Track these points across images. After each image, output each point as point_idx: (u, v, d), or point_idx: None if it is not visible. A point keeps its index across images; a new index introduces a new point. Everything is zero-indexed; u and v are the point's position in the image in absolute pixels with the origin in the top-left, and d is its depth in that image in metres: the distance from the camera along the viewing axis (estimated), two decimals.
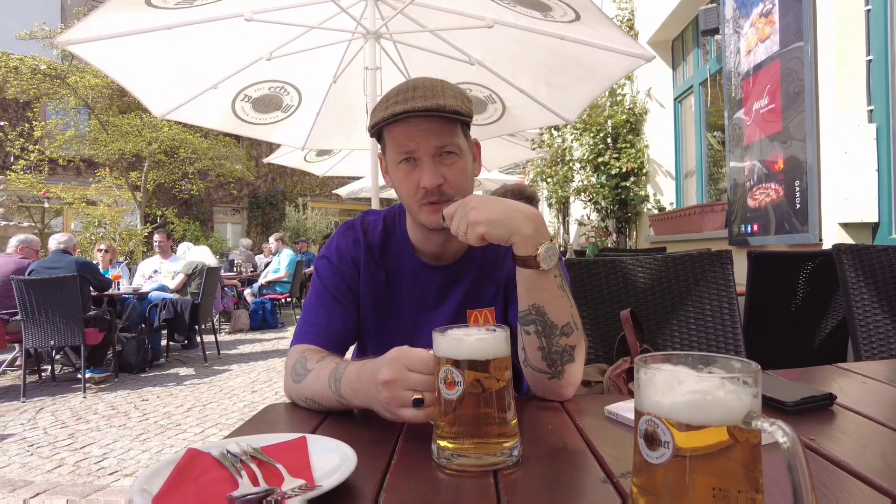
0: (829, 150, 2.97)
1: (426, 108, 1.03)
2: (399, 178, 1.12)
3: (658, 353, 0.57)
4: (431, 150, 1.07)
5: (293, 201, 19.02)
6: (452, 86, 1.11)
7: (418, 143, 1.07)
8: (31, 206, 13.44)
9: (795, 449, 0.47)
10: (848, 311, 1.61)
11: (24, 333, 4.66)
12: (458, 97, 1.08)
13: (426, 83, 1.09)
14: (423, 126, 1.06)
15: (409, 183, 1.10)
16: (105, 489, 2.84)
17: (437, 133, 1.07)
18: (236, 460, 0.72)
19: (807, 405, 0.91)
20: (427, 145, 1.07)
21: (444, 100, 1.05)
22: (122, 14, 2.91)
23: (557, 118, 4.08)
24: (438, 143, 1.07)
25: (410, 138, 1.07)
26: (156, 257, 6.85)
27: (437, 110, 1.03)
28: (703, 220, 4.52)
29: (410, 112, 1.03)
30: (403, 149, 1.09)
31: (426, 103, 1.03)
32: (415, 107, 1.03)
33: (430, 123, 1.06)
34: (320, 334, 1.16)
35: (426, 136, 1.06)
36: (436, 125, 1.06)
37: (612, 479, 0.68)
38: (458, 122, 1.09)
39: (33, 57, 10.87)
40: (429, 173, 1.07)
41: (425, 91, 1.06)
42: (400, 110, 1.03)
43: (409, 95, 1.06)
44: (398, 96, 1.07)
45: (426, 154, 1.07)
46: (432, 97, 1.05)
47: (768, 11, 3.45)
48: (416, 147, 1.07)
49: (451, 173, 1.09)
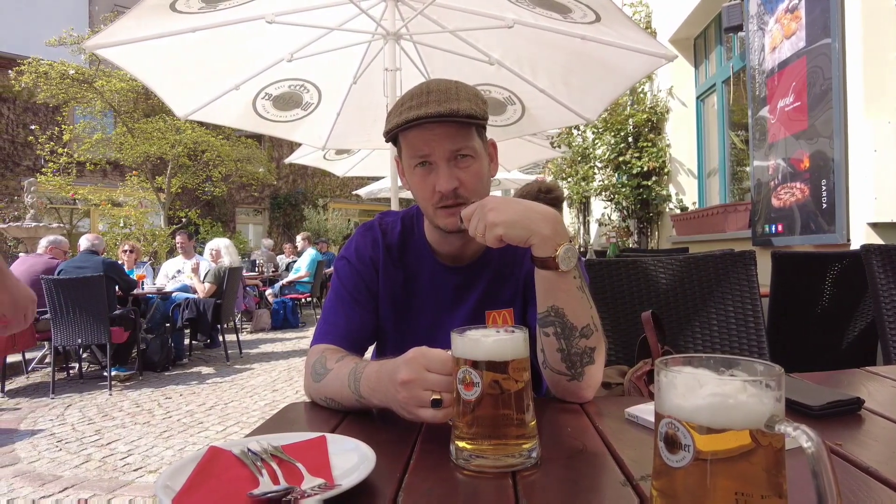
0: (858, 148, 2.90)
1: (439, 114, 1.03)
2: (415, 182, 1.13)
3: (679, 356, 0.56)
4: (446, 154, 1.07)
5: (314, 202, 19.18)
6: (467, 87, 1.11)
7: (433, 148, 1.07)
8: (60, 207, 13.76)
9: (820, 454, 0.46)
10: (877, 314, 1.57)
11: (53, 332, 4.77)
12: (472, 99, 1.08)
13: (440, 86, 1.09)
14: (437, 130, 1.06)
15: (424, 187, 1.10)
16: (130, 485, 2.90)
17: (451, 137, 1.07)
18: (257, 459, 0.73)
19: (833, 409, 0.89)
20: (442, 149, 1.07)
21: (458, 104, 1.04)
22: (147, 19, 2.96)
23: (578, 118, 4.05)
24: (453, 147, 1.07)
25: (425, 142, 1.07)
26: (179, 257, 6.96)
27: (450, 115, 1.03)
28: (727, 220, 4.45)
29: (424, 118, 1.03)
30: (418, 153, 1.09)
31: (440, 108, 1.03)
32: (428, 112, 1.03)
33: (444, 127, 1.06)
34: (339, 334, 1.17)
35: (440, 141, 1.07)
36: (450, 129, 1.07)
37: (632, 481, 0.68)
38: (472, 124, 1.09)
39: (62, 62, 11.12)
40: (444, 177, 1.07)
41: (439, 95, 1.06)
42: (413, 116, 1.03)
43: (423, 100, 1.06)
44: (412, 100, 1.07)
45: (441, 158, 1.07)
46: (446, 101, 1.05)
47: (794, 7, 3.38)
48: (430, 151, 1.08)
49: (467, 176, 1.09)
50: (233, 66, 3.65)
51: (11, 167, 13.84)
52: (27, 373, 5.54)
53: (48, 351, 5.35)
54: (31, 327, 4.91)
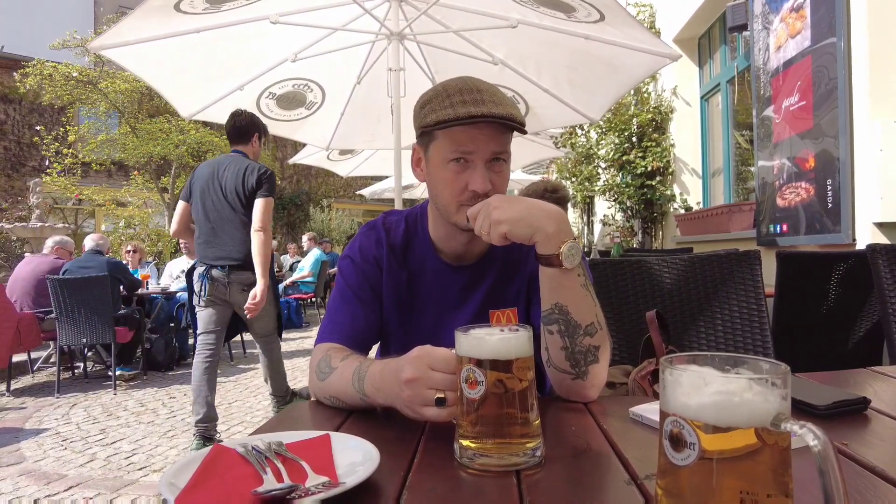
0: (863, 147, 2.88)
1: (502, 116, 1.02)
2: (444, 177, 1.10)
3: (684, 354, 0.56)
4: (488, 155, 1.07)
5: (318, 202, 19.21)
6: (503, 92, 1.11)
7: (478, 146, 1.06)
8: (65, 207, 13.82)
9: (827, 452, 0.46)
10: (883, 313, 1.57)
11: (59, 331, 4.79)
12: (514, 106, 1.08)
13: (487, 87, 1.08)
14: (486, 130, 1.05)
15: (456, 183, 1.09)
16: (134, 484, 2.90)
17: (496, 139, 1.07)
18: (261, 457, 0.73)
19: (839, 409, 0.89)
20: (486, 150, 1.06)
21: (510, 108, 1.05)
22: (151, 20, 2.97)
23: (582, 117, 4.04)
24: (496, 149, 1.07)
25: (472, 140, 1.06)
26: (183, 258, 6.98)
27: (510, 119, 1.03)
28: (731, 220, 4.43)
29: (487, 117, 1.01)
30: (461, 148, 1.07)
31: (499, 110, 1.02)
32: (492, 112, 1.01)
33: (493, 129, 1.05)
34: (344, 333, 1.17)
35: (487, 141, 1.06)
36: (497, 131, 1.06)
37: (637, 480, 0.67)
38: (512, 130, 1.09)
39: (66, 64, 11.16)
40: (481, 178, 1.06)
41: (491, 95, 1.06)
42: (477, 112, 1.01)
43: (476, 97, 1.04)
44: (462, 95, 1.05)
45: (481, 158, 1.07)
46: (501, 104, 1.04)
47: (799, 6, 3.37)
48: (475, 149, 1.06)
49: (499, 180, 1.09)
50: (237, 67, 3.66)
51: (17, 168, 13.91)
52: (32, 372, 5.56)
53: (53, 350, 5.38)
54: (36, 326, 4.94)
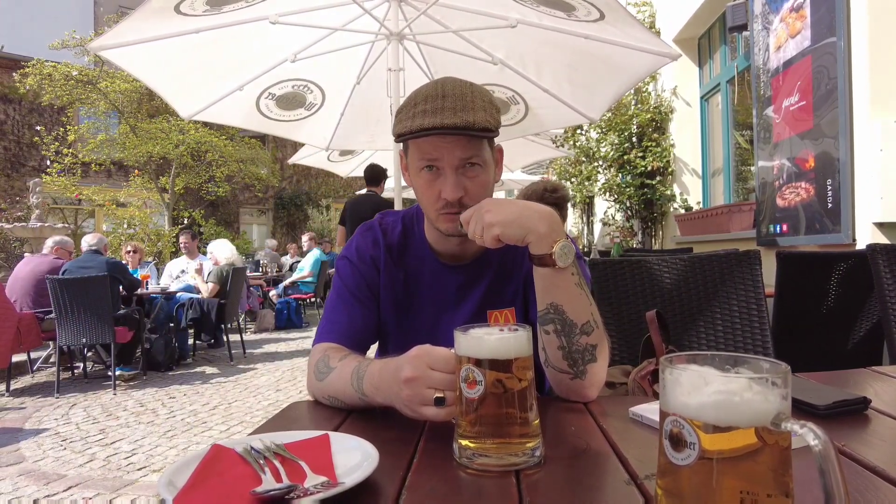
0: (863, 147, 2.88)
1: (455, 126, 1.00)
2: (420, 185, 1.11)
3: (684, 354, 0.56)
4: (455, 162, 1.06)
5: (317, 203, 19.21)
6: (482, 93, 1.08)
7: (442, 154, 1.05)
8: (65, 207, 13.81)
9: (827, 452, 0.46)
10: (883, 313, 1.56)
11: (58, 331, 4.78)
12: (487, 109, 1.05)
13: (456, 90, 1.05)
14: (449, 138, 1.04)
15: (430, 191, 1.09)
16: (134, 484, 2.90)
17: (462, 146, 1.05)
18: (260, 457, 0.73)
19: (840, 409, 0.88)
20: (451, 157, 1.05)
21: (473, 114, 1.02)
22: (151, 21, 2.97)
23: (581, 117, 4.04)
24: (463, 156, 1.06)
25: (435, 148, 1.06)
26: (183, 258, 6.99)
27: (466, 128, 1.01)
28: (731, 220, 4.43)
29: (438, 129, 1.01)
30: (426, 157, 1.07)
31: (455, 119, 1.00)
32: (444, 122, 1.00)
33: (457, 136, 1.04)
34: (342, 333, 1.16)
35: (451, 149, 1.05)
36: (463, 139, 1.05)
37: (637, 480, 0.67)
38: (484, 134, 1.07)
39: (66, 64, 11.16)
40: (450, 186, 1.06)
41: (455, 101, 1.03)
42: (428, 125, 1.01)
43: (438, 105, 1.02)
44: (426, 103, 1.04)
45: (449, 165, 1.06)
46: (462, 110, 1.02)
47: (799, 6, 3.37)
48: (439, 157, 1.06)
49: (473, 186, 1.08)
50: (236, 67, 3.66)
51: (17, 168, 13.91)
52: (32, 372, 5.56)
53: (53, 350, 5.37)
54: (36, 326, 4.93)
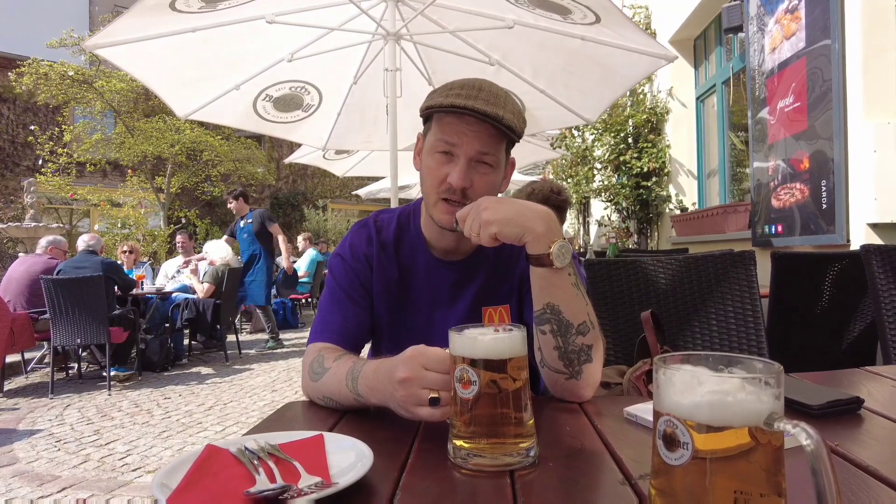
0: (858, 148, 2.90)
1: (485, 113, 1.03)
2: (429, 165, 1.12)
3: (677, 353, 0.56)
4: (471, 153, 1.07)
5: (314, 202, 19.18)
6: (514, 101, 1.12)
7: (462, 140, 1.07)
8: (60, 207, 13.74)
9: (820, 452, 0.46)
10: (877, 314, 1.57)
11: (53, 332, 4.76)
12: (516, 114, 1.08)
13: (493, 88, 1.09)
14: (474, 126, 1.06)
15: (437, 173, 1.10)
16: (128, 485, 2.89)
17: (483, 139, 1.07)
18: (254, 457, 0.73)
19: (833, 409, 0.89)
20: (470, 146, 1.07)
21: (504, 111, 1.05)
22: (146, 18, 2.96)
23: (578, 118, 4.05)
24: (481, 149, 1.07)
25: (458, 133, 1.07)
26: (178, 258, 6.97)
27: (494, 119, 1.04)
28: (726, 221, 4.44)
29: (470, 110, 1.03)
30: (446, 139, 1.08)
31: (487, 108, 1.03)
32: (475, 107, 1.03)
33: (481, 127, 1.06)
34: (336, 332, 1.16)
35: (472, 138, 1.07)
36: (485, 131, 1.07)
37: (631, 480, 0.67)
38: (506, 137, 1.09)
39: (62, 63, 11.10)
40: (460, 173, 1.07)
41: (490, 96, 1.06)
42: (461, 104, 1.03)
43: (473, 93, 1.06)
44: (462, 89, 1.07)
45: (465, 154, 1.07)
46: (494, 104, 1.05)
47: (794, 8, 3.38)
48: (459, 143, 1.07)
49: (480, 182, 1.09)
50: (233, 66, 3.65)
51: (11, 167, 13.82)
52: (26, 373, 5.53)
53: (47, 351, 5.34)
54: (30, 327, 4.91)
